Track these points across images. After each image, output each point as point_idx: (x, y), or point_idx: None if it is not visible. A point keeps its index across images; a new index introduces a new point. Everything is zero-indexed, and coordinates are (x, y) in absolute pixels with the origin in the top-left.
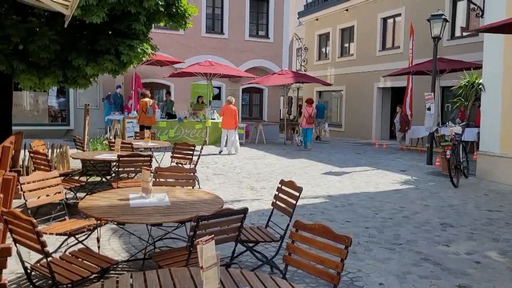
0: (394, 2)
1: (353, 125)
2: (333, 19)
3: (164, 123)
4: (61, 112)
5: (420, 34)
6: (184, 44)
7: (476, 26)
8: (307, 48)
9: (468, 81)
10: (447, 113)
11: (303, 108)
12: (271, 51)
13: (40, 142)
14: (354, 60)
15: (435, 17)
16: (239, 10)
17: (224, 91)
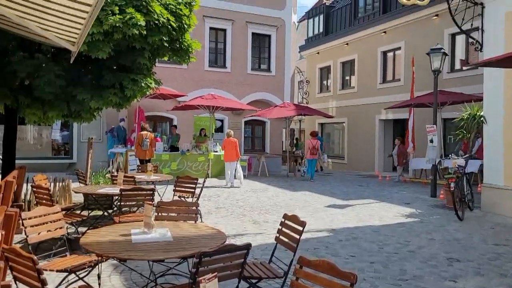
0: (394, 36)
1: (356, 157)
2: (334, 53)
3: (167, 156)
4: (64, 145)
5: (420, 66)
6: (187, 77)
7: (475, 59)
8: (308, 81)
9: (469, 114)
10: (450, 145)
11: (307, 140)
12: (273, 84)
13: (42, 176)
14: (356, 92)
15: (435, 51)
16: (242, 44)
17: (226, 123)
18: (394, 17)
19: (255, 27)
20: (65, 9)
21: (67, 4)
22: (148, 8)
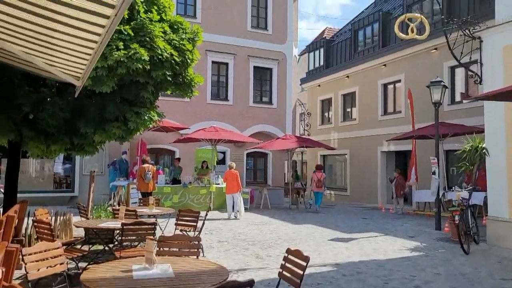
0: (394, 69)
1: (359, 189)
2: (335, 85)
3: (168, 189)
4: (66, 178)
5: (421, 98)
6: (190, 110)
7: (475, 91)
8: (310, 113)
9: (471, 146)
10: (453, 177)
11: (313, 173)
12: (275, 116)
13: (44, 210)
14: (357, 124)
15: (435, 83)
16: (243, 77)
17: (228, 156)
18: (393, 50)
19: (257, 60)
20: (71, 46)
21: (73, 41)
22: (152, 44)
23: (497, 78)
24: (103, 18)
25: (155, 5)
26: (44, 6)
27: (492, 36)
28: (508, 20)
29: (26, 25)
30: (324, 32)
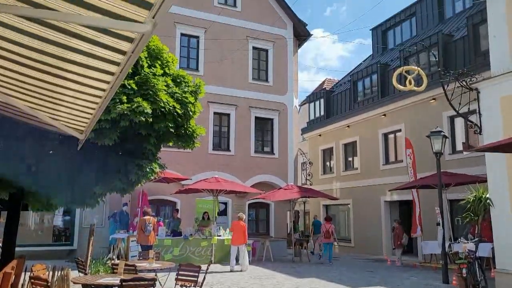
0: (393, 118)
1: (363, 240)
2: (336, 135)
3: (169, 241)
4: (65, 231)
5: (422, 148)
6: (191, 161)
7: (475, 141)
8: (311, 163)
9: (475, 196)
10: (458, 228)
11: (322, 224)
12: (277, 166)
13: (41, 266)
14: (359, 174)
15: (435, 133)
16: (245, 128)
17: (230, 206)
18: (392, 100)
19: (258, 111)
20: (76, 100)
21: (78, 96)
22: (155, 97)
23: (496, 129)
24: (108, 74)
25: (159, 60)
26: (51, 63)
27: (489, 88)
28: (503, 72)
29: (32, 81)
30: (324, 83)
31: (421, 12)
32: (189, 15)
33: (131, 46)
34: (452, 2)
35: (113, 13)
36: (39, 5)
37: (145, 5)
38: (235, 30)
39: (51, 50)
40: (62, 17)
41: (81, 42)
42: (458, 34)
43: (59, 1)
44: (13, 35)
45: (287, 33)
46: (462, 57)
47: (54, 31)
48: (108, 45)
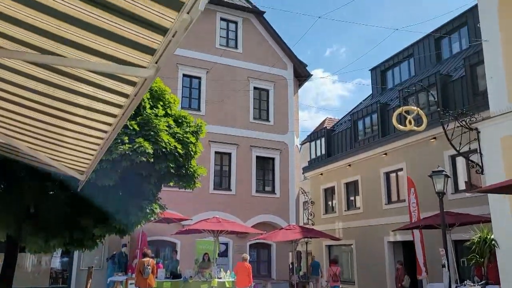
0: (395, 157)
1: (367, 282)
2: (337, 174)
3: (168, 284)
4: (63, 273)
5: (424, 187)
6: (192, 200)
7: (478, 180)
8: (313, 202)
9: (480, 237)
10: (464, 269)
11: (328, 267)
12: (278, 206)
13: None
14: (361, 213)
15: (436, 173)
16: (246, 167)
17: (231, 247)
18: (393, 139)
19: (259, 150)
20: (77, 142)
21: (80, 137)
22: (156, 138)
23: (498, 169)
24: (111, 117)
25: (161, 100)
26: (54, 106)
27: (488, 128)
28: (502, 112)
29: (34, 123)
30: (324, 122)
31: (419, 53)
32: (192, 57)
33: (134, 89)
34: (449, 43)
35: (117, 58)
36: (46, 51)
37: (149, 50)
38: (236, 70)
39: (55, 93)
40: (69, 63)
41: (85, 86)
42: (456, 74)
43: (65, 47)
44: (18, 79)
45: (287, 73)
46: (460, 97)
47: (58, 75)
48: (112, 89)
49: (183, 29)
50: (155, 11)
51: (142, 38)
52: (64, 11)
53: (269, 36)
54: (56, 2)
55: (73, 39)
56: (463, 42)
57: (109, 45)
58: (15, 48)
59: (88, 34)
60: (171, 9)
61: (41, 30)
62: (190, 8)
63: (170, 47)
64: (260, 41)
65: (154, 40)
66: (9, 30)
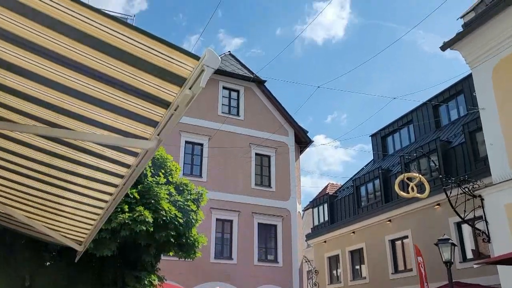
0: (399, 224)
1: None
2: (341, 241)
3: None
4: None
5: (431, 255)
6: (192, 270)
7: (486, 248)
8: (317, 271)
9: None
10: None
11: None
12: (281, 275)
13: None
14: (368, 283)
15: (443, 241)
16: (248, 234)
17: None
18: (397, 206)
19: (261, 217)
20: (76, 211)
21: (79, 207)
22: (156, 206)
23: (505, 237)
24: (111, 186)
25: (163, 168)
26: (55, 175)
27: (492, 195)
28: (505, 179)
29: (33, 192)
30: (326, 188)
31: (418, 120)
32: (195, 124)
33: (136, 160)
34: (447, 110)
35: (120, 130)
36: (54, 124)
37: (151, 123)
38: (238, 137)
39: (56, 162)
40: (76, 136)
41: (87, 156)
42: (456, 140)
43: (72, 120)
44: (19, 148)
45: (289, 140)
46: (462, 163)
47: (61, 145)
48: (114, 159)
49: (185, 104)
50: (158, 86)
51: (145, 111)
52: (71, 86)
53: (270, 103)
54: (64, 78)
55: (79, 112)
56: (460, 109)
57: (113, 118)
58: (25, 121)
59: (93, 107)
60: (174, 84)
61: (49, 104)
62: (192, 84)
63: (172, 120)
64: (261, 109)
65: (156, 113)
66: (20, 105)
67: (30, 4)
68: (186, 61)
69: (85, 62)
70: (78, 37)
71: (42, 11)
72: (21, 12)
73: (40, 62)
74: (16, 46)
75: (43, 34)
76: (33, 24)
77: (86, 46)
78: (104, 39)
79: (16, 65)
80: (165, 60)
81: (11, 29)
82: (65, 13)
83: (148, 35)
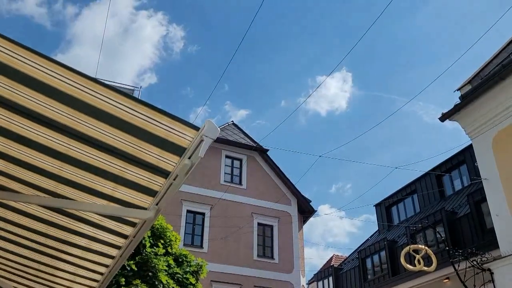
0: None
1: None
2: None
3: None
4: None
5: None
6: None
7: None
8: None
9: None
10: None
11: None
12: None
13: None
14: None
15: None
16: None
17: None
18: (404, 279)
19: None
20: (70, 284)
21: (73, 279)
22: (154, 280)
23: None
24: (108, 258)
25: (162, 239)
26: (52, 245)
27: (502, 268)
28: None
29: (27, 262)
30: (331, 259)
31: (422, 190)
32: (197, 193)
33: (134, 230)
34: (450, 180)
35: (119, 199)
36: (56, 194)
37: (150, 192)
38: (240, 206)
39: (54, 232)
40: (78, 207)
41: (84, 226)
42: (461, 211)
43: (72, 189)
44: (16, 217)
45: (291, 209)
46: (469, 234)
47: (58, 215)
48: (111, 229)
49: (184, 173)
50: (158, 155)
51: (144, 181)
52: (72, 155)
53: (272, 172)
54: (65, 147)
55: (79, 182)
56: (464, 178)
57: (113, 187)
58: (25, 190)
59: (93, 176)
60: (173, 154)
61: (50, 173)
62: (191, 153)
63: (171, 189)
64: (264, 177)
65: (155, 183)
66: (21, 174)
67: (33, 75)
68: (186, 132)
69: (87, 132)
70: (81, 107)
71: (45, 82)
72: (25, 83)
73: (43, 132)
74: (18, 115)
75: (45, 103)
76: (36, 94)
77: (88, 116)
78: (106, 109)
79: (18, 134)
80: (166, 131)
81: (13, 98)
82: (69, 84)
83: (149, 106)
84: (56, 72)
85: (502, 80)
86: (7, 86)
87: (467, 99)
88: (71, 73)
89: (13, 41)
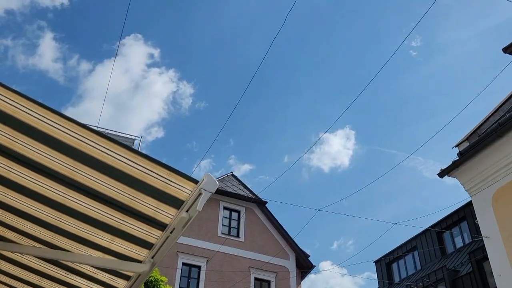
0: None
1: None
2: None
3: None
4: None
5: None
6: None
7: None
8: None
9: None
10: None
11: None
12: None
13: None
14: None
15: None
16: None
17: None
18: None
19: None
20: None
21: None
22: None
23: None
24: None
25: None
26: None
27: None
28: None
29: None
30: None
31: (422, 247)
32: (193, 245)
33: (127, 284)
34: (451, 237)
35: (115, 252)
36: (52, 244)
37: (146, 245)
38: (237, 260)
39: (47, 285)
40: (73, 259)
41: (77, 278)
42: (463, 269)
43: (68, 240)
44: (8, 267)
45: (289, 264)
46: None
47: (52, 266)
48: (104, 282)
49: (181, 226)
50: (156, 208)
51: (141, 233)
52: (70, 205)
53: (271, 225)
54: (63, 197)
55: (75, 233)
56: (465, 235)
57: (109, 239)
58: (21, 240)
59: (90, 228)
60: (171, 206)
61: (47, 224)
62: (189, 207)
63: (168, 242)
64: (262, 230)
65: (152, 235)
66: (18, 223)
67: (35, 125)
68: (185, 184)
69: (86, 182)
70: (80, 157)
71: (46, 132)
72: (27, 133)
73: (42, 181)
74: (18, 164)
75: (45, 153)
76: (36, 144)
77: (87, 166)
78: (105, 160)
79: (17, 183)
80: (164, 183)
81: (13, 147)
82: (69, 135)
83: (148, 158)
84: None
85: (500, 137)
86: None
87: (465, 156)
88: (72, 124)
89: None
